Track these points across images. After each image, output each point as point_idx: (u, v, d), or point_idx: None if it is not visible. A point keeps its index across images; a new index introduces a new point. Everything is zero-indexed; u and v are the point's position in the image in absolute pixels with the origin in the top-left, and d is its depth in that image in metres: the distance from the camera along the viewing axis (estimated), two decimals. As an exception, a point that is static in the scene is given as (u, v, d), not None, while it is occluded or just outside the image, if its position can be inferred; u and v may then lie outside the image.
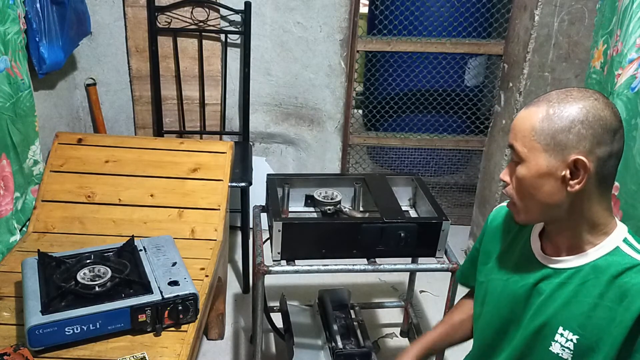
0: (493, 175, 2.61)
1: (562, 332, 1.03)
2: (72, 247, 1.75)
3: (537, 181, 1.00)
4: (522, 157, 1.01)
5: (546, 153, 0.98)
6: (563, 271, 1.05)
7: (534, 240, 1.13)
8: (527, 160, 1.00)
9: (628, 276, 0.97)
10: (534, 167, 0.99)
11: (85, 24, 2.39)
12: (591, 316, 1.00)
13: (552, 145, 0.97)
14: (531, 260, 1.11)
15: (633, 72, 1.45)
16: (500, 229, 1.22)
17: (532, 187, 1.01)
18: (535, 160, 0.99)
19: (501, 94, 2.53)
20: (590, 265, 1.02)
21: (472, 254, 1.35)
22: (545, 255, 1.09)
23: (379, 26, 2.81)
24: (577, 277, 1.03)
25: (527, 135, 0.99)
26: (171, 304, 1.45)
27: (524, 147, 1.00)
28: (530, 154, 0.99)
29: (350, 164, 2.99)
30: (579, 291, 1.02)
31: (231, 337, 2.30)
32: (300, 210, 1.94)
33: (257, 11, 2.55)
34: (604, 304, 0.99)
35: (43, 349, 1.36)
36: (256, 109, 2.75)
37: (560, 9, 2.19)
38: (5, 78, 1.72)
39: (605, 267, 1.01)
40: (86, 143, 2.04)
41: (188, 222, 1.94)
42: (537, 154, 0.98)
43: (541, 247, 1.11)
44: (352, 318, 2.01)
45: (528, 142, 0.99)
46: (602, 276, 1.00)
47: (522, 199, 1.05)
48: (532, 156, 0.99)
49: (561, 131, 0.96)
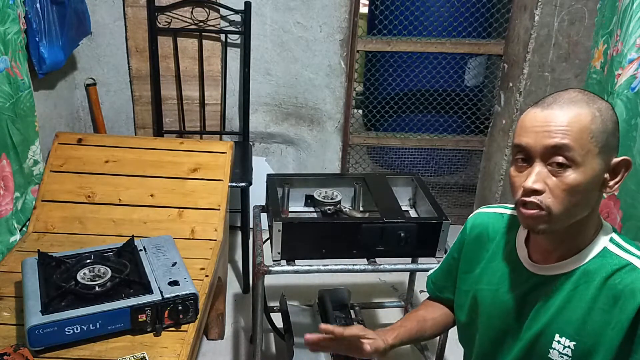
0: (493, 175, 2.61)
1: (559, 340, 1.02)
2: (72, 247, 1.75)
3: (590, 186, 0.95)
4: (576, 161, 0.92)
5: (599, 155, 0.94)
6: (553, 278, 1.03)
7: (520, 247, 1.10)
8: (582, 164, 0.92)
9: (619, 277, 0.96)
10: (590, 171, 0.93)
11: (85, 24, 2.39)
12: (586, 321, 0.99)
13: (605, 147, 0.94)
14: (519, 269, 1.09)
15: (633, 72, 1.45)
16: (482, 236, 1.19)
17: (584, 192, 0.94)
18: (590, 164, 0.93)
19: (501, 94, 2.53)
20: (581, 270, 1.01)
21: (447, 263, 1.30)
22: (532, 263, 1.07)
23: (379, 26, 2.81)
24: (568, 282, 1.02)
25: (585, 137, 0.92)
26: (171, 304, 1.45)
27: (581, 149, 0.92)
28: (587, 157, 0.93)
29: (350, 164, 2.99)
30: (571, 297, 1.01)
31: (231, 337, 2.30)
32: (300, 210, 1.94)
33: (257, 11, 2.55)
34: (598, 308, 0.98)
35: (43, 349, 1.36)
36: (256, 109, 2.75)
37: (560, 9, 2.19)
38: (5, 78, 1.72)
39: (595, 270, 0.99)
40: (86, 143, 2.04)
41: (188, 222, 1.94)
42: (592, 156, 0.93)
43: (528, 254, 1.08)
44: (352, 318, 2.01)
45: (585, 144, 0.92)
46: (593, 280, 0.99)
47: (565, 207, 0.94)
48: (588, 159, 0.93)
49: (612, 133, 0.95)
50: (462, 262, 1.23)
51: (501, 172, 2.51)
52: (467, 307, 1.21)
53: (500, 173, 2.52)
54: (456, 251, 1.26)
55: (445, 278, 1.30)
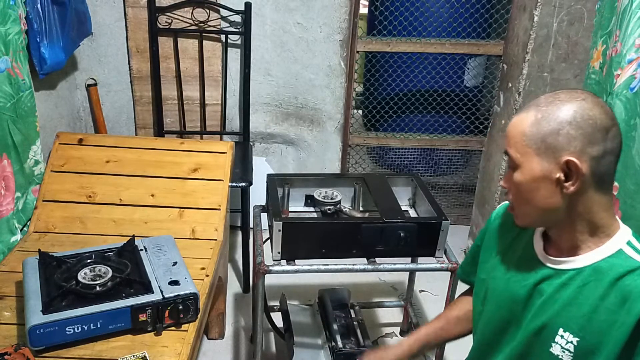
0: (492, 175, 2.61)
1: (562, 334, 1.03)
2: (73, 247, 1.76)
3: (532, 185, 1.01)
4: (516, 163, 1.02)
5: (538, 157, 0.99)
6: (564, 272, 1.05)
7: (537, 240, 1.13)
8: (521, 166, 1.01)
9: (630, 279, 0.97)
10: (528, 172, 1.00)
11: (86, 25, 2.39)
12: (592, 318, 0.99)
13: (543, 148, 0.98)
14: (533, 260, 1.11)
15: (632, 73, 1.46)
16: (503, 227, 1.22)
17: (528, 192, 1.02)
18: (529, 165, 1.00)
19: (500, 94, 2.54)
20: (592, 267, 1.02)
21: (473, 250, 1.35)
22: (547, 256, 1.09)
23: (379, 27, 2.81)
24: (578, 278, 1.03)
25: (519, 141, 1.00)
26: (172, 304, 1.46)
27: (517, 152, 1.01)
28: (523, 159, 1.00)
29: (350, 164, 3.00)
30: (580, 293, 1.02)
31: (231, 337, 2.30)
32: (300, 210, 1.95)
33: (257, 12, 2.56)
34: (605, 307, 0.98)
35: (44, 349, 1.37)
36: (256, 109, 2.76)
37: (559, 9, 2.19)
38: (6, 78, 1.72)
39: (607, 269, 1.00)
40: (87, 143, 2.05)
41: (188, 222, 1.95)
42: (529, 158, 1.00)
43: (544, 247, 1.11)
44: (352, 317, 2.01)
45: (520, 147, 1.00)
46: (603, 278, 0.99)
47: (520, 204, 1.06)
48: (526, 161, 1.00)
49: (550, 134, 0.97)
50: (482, 251, 1.26)
51: (500, 172, 2.52)
52: (482, 295, 1.23)
53: (500, 173, 2.52)
54: (480, 239, 1.30)
55: (471, 264, 1.35)
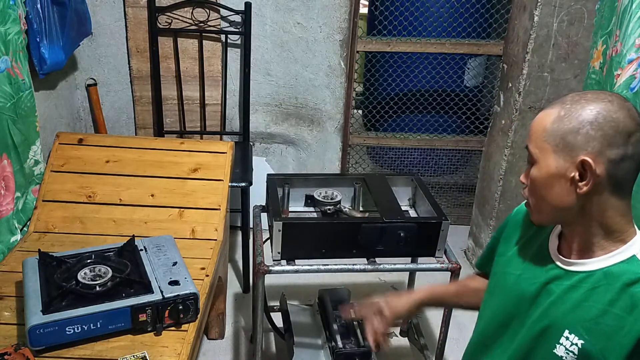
0: (492, 175, 2.61)
1: (567, 336, 1.02)
2: (73, 247, 1.76)
3: (547, 182, 1.01)
4: (534, 158, 1.02)
5: (555, 154, 0.98)
6: (574, 274, 1.04)
7: (553, 239, 1.12)
8: (538, 162, 1.01)
9: None
10: (544, 168, 1.00)
11: (85, 25, 2.39)
12: (599, 322, 0.99)
13: (561, 146, 0.97)
14: (545, 259, 1.11)
15: (632, 73, 1.46)
16: (522, 223, 1.22)
17: (543, 188, 1.02)
18: (545, 162, 1.00)
19: (500, 94, 2.54)
20: (603, 271, 1.01)
21: (492, 242, 1.35)
22: (559, 256, 1.09)
23: (379, 27, 2.81)
24: (588, 281, 1.02)
25: (539, 137, 1.00)
26: (172, 304, 1.46)
27: (536, 148, 1.01)
28: (541, 154, 1.01)
29: (350, 164, 3.00)
30: (589, 296, 1.01)
31: (231, 337, 2.30)
32: (300, 210, 1.95)
33: (257, 12, 2.56)
34: (614, 312, 0.97)
35: (44, 349, 1.37)
36: (256, 109, 2.76)
37: (559, 9, 2.19)
38: (6, 78, 1.72)
39: (619, 274, 0.99)
40: (87, 143, 2.05)
41: (188, 222, 1.95)
42: (547, 154, 1.00)
43: (558, 246, 1.10)
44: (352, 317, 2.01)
45: (539, 143, 1.00)
46: (614, 283, 0.99)
47: (535, 200, 1.06)
48: (543, 157, 1.00)
49: (570, 132, 0.96)
50: (500, 244, 1.27)
51: (500, 172, 2.52)
52: (492, 287, 1.23)
53: (500, 173, 2.52)
54: (499, 232, 1.30)
55: (488, 256, 1.35)
